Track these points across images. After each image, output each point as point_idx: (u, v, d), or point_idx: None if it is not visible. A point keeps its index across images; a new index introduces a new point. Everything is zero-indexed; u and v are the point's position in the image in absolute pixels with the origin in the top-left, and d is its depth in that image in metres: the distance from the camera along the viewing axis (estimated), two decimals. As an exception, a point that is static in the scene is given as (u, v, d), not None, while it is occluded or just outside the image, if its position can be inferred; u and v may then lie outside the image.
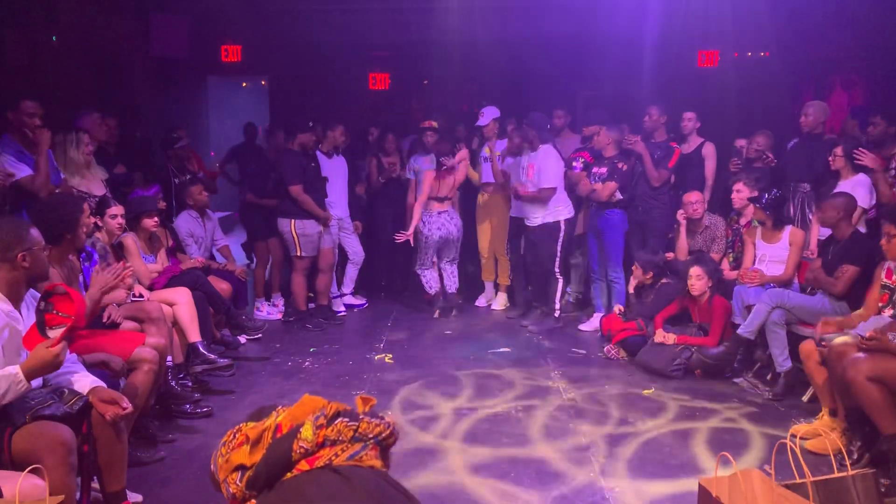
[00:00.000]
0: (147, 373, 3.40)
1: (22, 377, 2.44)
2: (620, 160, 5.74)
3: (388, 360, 5.22)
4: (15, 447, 2.46)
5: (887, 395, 3.23)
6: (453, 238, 6.40)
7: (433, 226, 6.27)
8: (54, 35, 6.12)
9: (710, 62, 7.76)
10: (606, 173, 5.75)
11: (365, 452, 1.71)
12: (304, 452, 1.70)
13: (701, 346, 4.79)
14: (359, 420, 1.75)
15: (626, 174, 5.71)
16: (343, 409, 1.81)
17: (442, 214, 6.32)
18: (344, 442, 1.71)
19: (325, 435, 1.72)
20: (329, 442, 1.72)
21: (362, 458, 1.70)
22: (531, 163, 5.83)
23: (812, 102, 5.50)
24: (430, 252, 6.33)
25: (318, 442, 1.71)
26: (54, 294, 2.62)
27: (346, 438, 1.71)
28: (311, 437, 1.71)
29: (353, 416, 1.77)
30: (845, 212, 4.35)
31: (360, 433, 1.73)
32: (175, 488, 3.34)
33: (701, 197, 5.46)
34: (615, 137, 5.78)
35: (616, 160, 5.75)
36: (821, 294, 4.49)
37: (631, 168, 5.81)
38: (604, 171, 5.78)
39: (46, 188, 4.10)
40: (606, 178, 5.74)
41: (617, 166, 5.72)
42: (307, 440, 1.71)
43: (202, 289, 4.74)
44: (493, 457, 3.65)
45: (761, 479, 2.33)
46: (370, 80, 8.54)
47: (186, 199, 5.55)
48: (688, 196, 5.44)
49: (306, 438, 1.71)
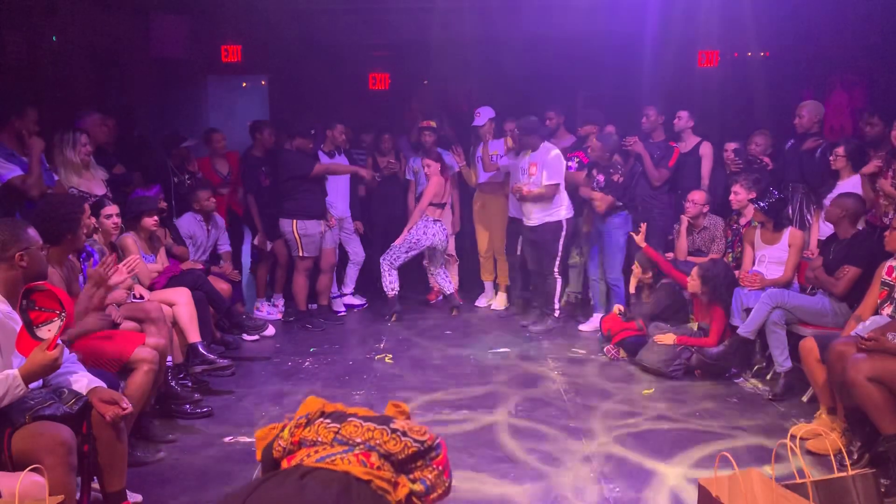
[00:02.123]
0: (147, 373, 3.40)
1: (20, 381, 2.44)
2: (616, 171, 5.71)
3: (388, 360, 5.22)
4: (15, 447, 2.46)
5: (887, 396, 3.23)
6: (440, 248, 6.40)
7: (428, 231, 6.26)
8: (54, 35, 6.11)
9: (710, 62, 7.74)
10: (604, 183, 5.73)
11: (344, 456, 1.66)
12: (282, 451, 1.73)
13: (701, 346, 4.79)
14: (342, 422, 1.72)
15: (621, 187, 5.69)
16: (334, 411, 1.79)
17: (437, 223, 6.32)
18: (324, 443, 1.69)
19: (303, 435, 1.72)
20: (308, 442, 1.71)
21: (336, 462, 1.65)
22: (533, 162, 5.83)
23: (806, 103, 5.49)
24: (408, 254, 6.27)
25: (293, 441, 1.72)
26: (35, 291, 2.60)
27: (326, 440, 1.69)
28: (286, 437, 1.74)
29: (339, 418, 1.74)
30: (850, 212, 4.33)
31: (344, 436, 1.70)
32: (175, 488, 3.34)
33: (704, 198, 5.44)
34: (606, 147, 5.73)
35: (612, 171, 5.72)
36: (821, 294, 4.49)
37: (630, 170, 5.80)
38: (602, 178, 5.75)
39: (38, 188, 4.12)
40: (604, 188, 5.72)
41: (612, 178, 5.70)
42: (284, 439, 1.74)
43: (202, 289, 4.75)
44: (492, 457, 3.65)
45: (761, 479, 2.33)
46: (370, 80, 8.53)
47: (193, 204, 5.54)
48: (692, 195, 5.43)
49: (283, 437, 1.74)
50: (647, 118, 6.03)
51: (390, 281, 6.25)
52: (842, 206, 4.37)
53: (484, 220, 6.69)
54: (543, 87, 7.74)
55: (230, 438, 3.88)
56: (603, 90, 7.95)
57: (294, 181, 5.89)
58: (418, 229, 6.26)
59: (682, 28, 7.26)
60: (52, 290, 2.60)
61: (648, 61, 7.26)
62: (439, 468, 1.74)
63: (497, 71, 8.01)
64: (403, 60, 8.47)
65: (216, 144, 6.25)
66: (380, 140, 6.97)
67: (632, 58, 7.37)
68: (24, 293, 2.60)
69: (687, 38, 7.58)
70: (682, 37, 7.47)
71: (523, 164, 5.91)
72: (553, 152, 5.81)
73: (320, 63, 8.43)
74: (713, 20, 7.14)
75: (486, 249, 6.73)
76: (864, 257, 4.18)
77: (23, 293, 2.61)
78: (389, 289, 6.26)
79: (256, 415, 4.23)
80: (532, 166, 5.83)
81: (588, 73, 8.05)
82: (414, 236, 6.25)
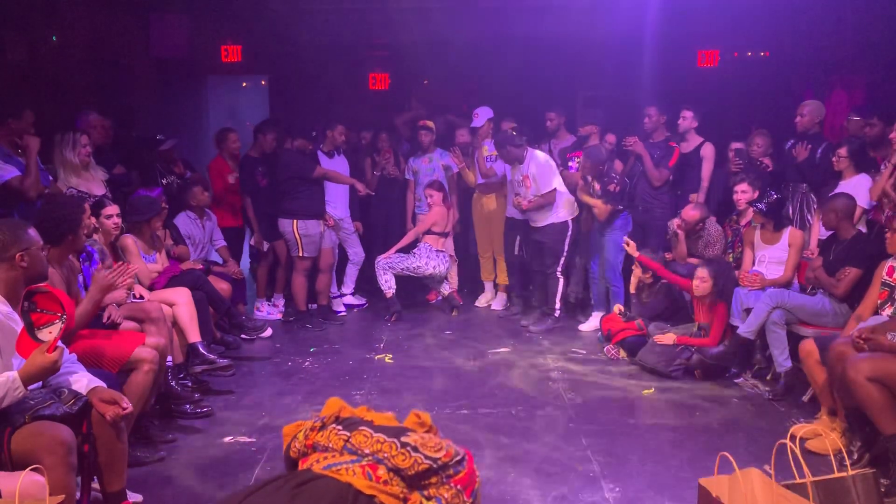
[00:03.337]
0: (147, 373, 3.40)
1: (19, 383, 2.43)
2: (611, 180, 5.70)
3: (388, 360, 5.22)
4: (15, 447, 2.46)
5: (887, 396, 3.23)
6: (438, 277, 6.44)
7: (430, 262, 6.29)
8: (54, 35, 6.12)
9: (710, 62, 7.76)
10: (601, 191, 5.72)
11: (350, 466, 1.61)
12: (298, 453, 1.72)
13: (701, 346, 4.79)
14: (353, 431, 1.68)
15: (618, 194, 5.67)
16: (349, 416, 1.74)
17: (440, 254, 6.36)
18: (334, 450, 1.66)
19: (316, 440, 1.71)
20: (320, 447, 1.69)
21: (341, 471, 1.61)
22: (525, 174, 5.83)
23: (808, 102, 5.49)
24: (402, 272, 6.29)
25: (307, 444, 1.71)
26: (37, 293, 2.60)
27: (337, 447, 1.67)
28: (301, 439, 1.73)
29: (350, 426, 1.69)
30: (843, 213, 4.34)
31: (353, 445, 1.65)
32: (175, 488, 3.34)
33: (698, 217, 5.34)
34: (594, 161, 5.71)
35: (606, 180, 5.72)
36: (821, 294, 4.48)
37: (630, 170, 5.79)
38: (598, 187, 5.73)
39: (36, 189, 4.13)
40: (602, 196, 5.70)
41: (608, 189, 5.69)
42: (299, 441, 1.73)
43: (202, 289, 4.75)
44: (492, 457, 3.65)
45: (761, 479, 2.33)
46: (370, 80, 8.54)
47: (189, 200, 5.56)
48: (686, 213, 5.35)
49: (299, 439, 1.73)
50: (648, 118, 6.02)
51: (385, 280, 6.27)
52: (833, 209, 4.37)
53: (483, 220, 6.69)
54: (543, 88, 7.74)
55: (230, 438, 3.88)
56: (603, 90, 7.96)
57: (294, 181, 5.90)
58: (420, 257, 6.29)
59: (682, 28, 7.27)
60: (54, 292, 2.59)
61: (648, 61, 7.27)
62: (457, 487, 1.64)
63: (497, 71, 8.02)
64: (403, 60, 8.48)
65: (231, 144, 6.23)
66: (377, 139, 6.99)
67: (632, 58, 7.37)
68: (25, 295, 2.60)
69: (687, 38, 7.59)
70: (682, 37, 7.48)
71: (517, 176, 5.91)
72: (540, 160, 5.80)
73: (320, 63, 8.44)
74: (713, 20, 7.15)
75: (485, 249, 6.73)
76: (865, 258, 4.18)
77: (25, 295, 2.60)
78: (386, 288, 6.27)
79: (256, 415, 4.23)
80: (525, 179, 5.83)
81: (588, 73, 8.06)
82: (414, 263, 6.28)
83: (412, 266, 6.28)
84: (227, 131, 6.31)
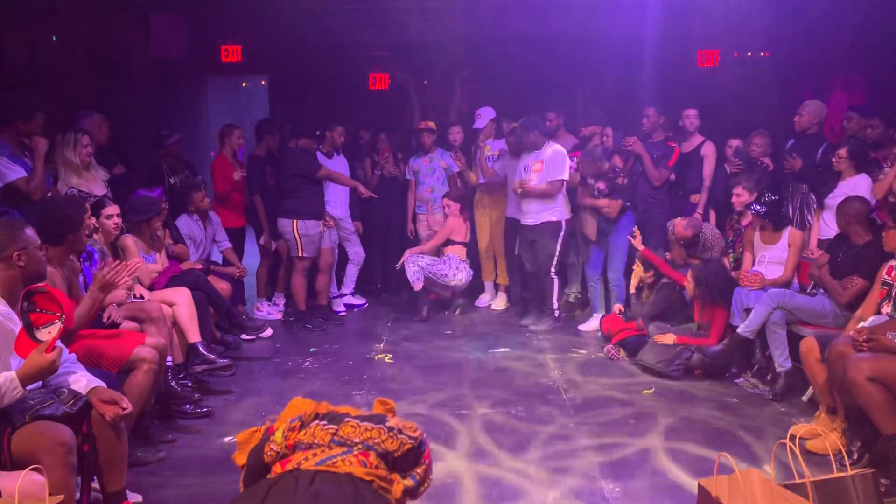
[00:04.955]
0: (147, 373, 3.40)
1: (18, 383, 2.43)
2: (617, 175, 5.70)
3: (388, 360, 5.22)
4: (14, 447, 2.46)
5: (887, 395, 3.23)
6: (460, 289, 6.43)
7: (458, 274, 6.30)
8: (54, 35, 6.11)
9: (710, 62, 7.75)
10: (606, 189, 5.72)
11: (344, 458, 1.65)
12: (275, 455, 1.70)
13: (701, 346, 4.79)
14: (339, 423, 1.70)
15: (627, 188, 5.69)
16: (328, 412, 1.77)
17: (466, 267, 6.37)
18: (321, 446, 1.67)
19: (298, 438, 1.70)
20: (303, 445, 1.69)
21: (337, 464, 1.63)
22: (539, 159, 5.81)
23: (808, 102, 5.49)
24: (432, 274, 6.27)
25: (288, 445, 1.70)
26: (36, 293, 2.61)
27: (324, 442, 1.67)
28: (280, 440, 1.71)
29: (335, 419, 1.72)
30: (855, 216, 4.27)
31: (342, 437, 1.68)
32: (175, 488, 3.34)
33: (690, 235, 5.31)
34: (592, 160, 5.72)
35: (612, 175, 5.71)
36: (821, 294, 4.48)
37: (630, 170, 5.79)
38: (602, 185, 5.74)
39: (41, 191, 4.13)
40: (608, 194, 5.71)
41: (615, 182, 5.69)
42: (277, 443, 1.71)
43: (202, 289, 4.75)
44: (493, 457, 3.65)
45: (761, 479, 2.33)
46: (370, 80, 8.54)
47: (188, 206, 5.55)
48: (679, 230, 5.34)
49: (276, 441, 1.71)
50: (647, 118, 6.03)
51: (414, 272, 6.23)
52: (844, 212, 4.32)
53: (484, 220, 6.69)
54: (543, 88, 7.74)
55: (230, 438, 3.88)
56: (603, 90, 7.95)
57: (296, 179, 5.89)
58: (450, 266, 6.29)
59: (682, 28, 7.27)
60: (53, 292, 2.59)
61: (648, 61, 7.26)
62: (426, 462, 1.77)
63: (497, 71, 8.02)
64: (403, 60, 8.48)
65: (235, 140, 6.20)
66: (376, 140, 6.98)
67: (632, 58, 7.37)
68: (25, 295, 2.60)
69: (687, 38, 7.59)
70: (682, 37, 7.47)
71: (526, 162, 5.90)
72: (558, 149, 5.82)
73: (320, 63, 8.44)
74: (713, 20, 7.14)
75: (486, 249, 6.73)
76: (873, 270, 4.02)
77: (24, 295, 2.60)
78: (414, 279, 6.23)
79: (256, 415, 4.23)
80: (537, 163, 5.81)
81: (588, 73, 8.05)
82: (443, 269, 6.29)
83: (440, 272, 6.28)
84: (232, 127, 6.28)
